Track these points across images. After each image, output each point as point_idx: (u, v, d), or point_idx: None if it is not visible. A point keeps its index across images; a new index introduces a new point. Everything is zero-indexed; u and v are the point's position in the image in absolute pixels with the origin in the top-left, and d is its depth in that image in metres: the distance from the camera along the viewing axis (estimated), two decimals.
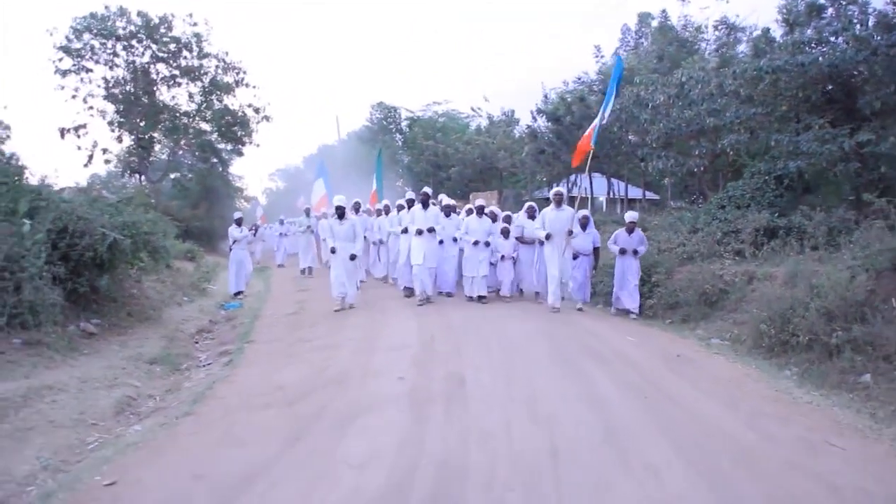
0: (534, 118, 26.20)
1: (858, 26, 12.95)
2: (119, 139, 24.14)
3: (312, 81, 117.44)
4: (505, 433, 4.78)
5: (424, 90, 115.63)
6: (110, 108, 23.65)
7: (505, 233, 12.19)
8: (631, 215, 11.74)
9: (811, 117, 13.24)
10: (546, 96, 25.82)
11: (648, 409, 5.42)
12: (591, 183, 25.34)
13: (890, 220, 8.55)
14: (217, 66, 23.50)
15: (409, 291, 12.40)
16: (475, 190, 26.79)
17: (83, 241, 8.29)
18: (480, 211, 12.41)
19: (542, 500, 3.71)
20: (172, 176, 26.68)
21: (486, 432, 4.79)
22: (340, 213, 11.45)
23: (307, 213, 18.78)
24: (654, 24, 31.95)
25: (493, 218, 12.79)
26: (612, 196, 28.80)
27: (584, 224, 11.65)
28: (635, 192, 27.80)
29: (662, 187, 27.72)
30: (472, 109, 35.50)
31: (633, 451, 4.47)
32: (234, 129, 23.98)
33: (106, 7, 21.90)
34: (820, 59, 12.42)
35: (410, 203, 12.76)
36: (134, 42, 22.33)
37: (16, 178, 8.88)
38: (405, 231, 12.37)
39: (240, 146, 24.84)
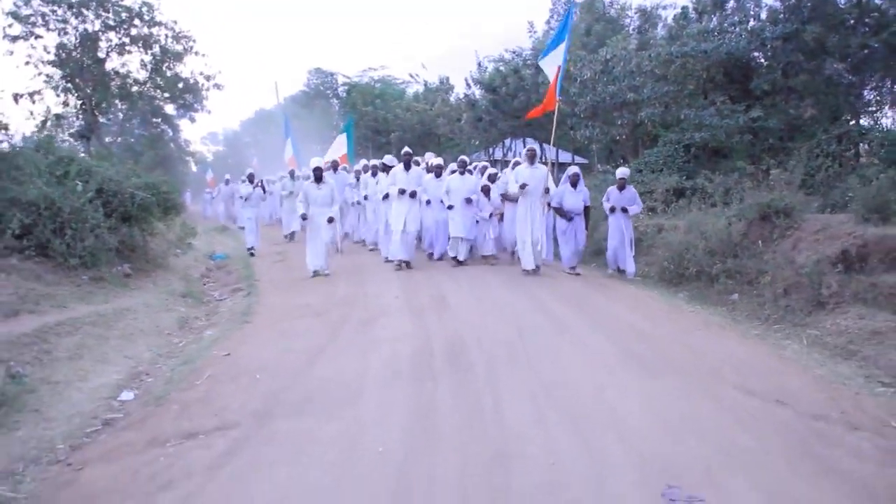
0: (468, 85, 28.40)
1: (753, 20, 15.70)
2: (65, 104, 25.13)
3: (247, 45, 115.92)
4: (483, 324, 7.17)
5: (360, 56, 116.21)
6: (56, 72, 24.57)
7: (485, 191, 12.02)
8: (621, 172, 11.66)
9: (714, 95, 16.00)
10: (480, 64, 28.01)
11: (579, 311, 7.93)
12: (524, 147, 27.78)
13: (760, 182, 11.30)
14: (166, 35, 24.73)
15: (399, 264, 11.64)
16: (415, 154, 28.87)
17: (116, 199, 10.19)
18: (464, 167, 12.07)
19: (516, 352, 6.11)
20: (117, 140, 27.76)
21: (471, 324, 7.16)
22: (318, 175, 10.99)
23: (292, 175, 18.30)
24: None
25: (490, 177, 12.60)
26: (543, 160, 31.37)
27: (574, 182, 11.39)
28: (566, 157, 30.36)
29: (590, 152, 30.38)
30: (410, 76, 37.37)
31: (570, 332, 6.93)
32: (186, 95, 25.38)
33: None
34: (721, 47, 15.07)
35: (385, 167, 12.57)
36: (84, 10, 23.36)
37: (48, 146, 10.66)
38: (386, 197, 12.04)
39: (191, 113, 26.28)
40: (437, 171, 12.44)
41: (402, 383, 5.24)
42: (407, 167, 11.74)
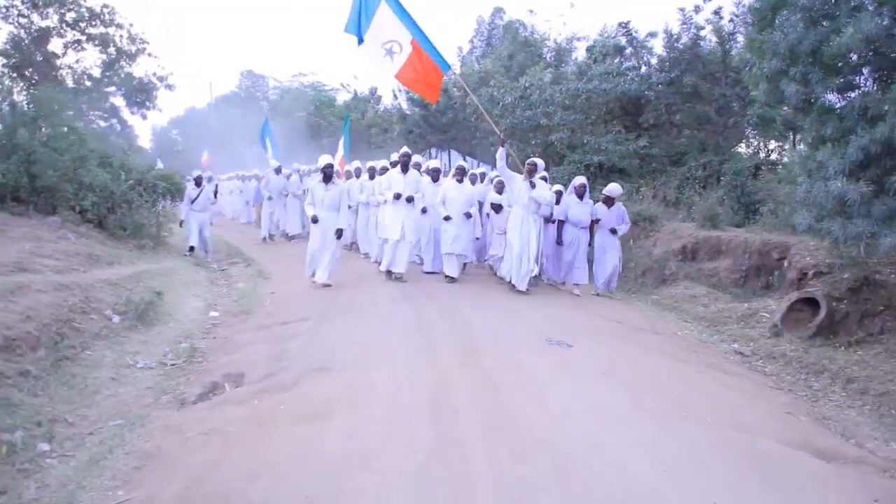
0: (395, 96, 32.32)
1: (644, 66, 20.17)
2: (9, 92, 27.42)
3: (180, 41, 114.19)
4: (448, 286, 10.96)
5: (291, 59, 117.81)
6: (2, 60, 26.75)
7: (497, 209, 11.26)
8: (610, 189, 11.31)
9: (612, 125, 20.31)
10: None
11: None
12: (450, 158, 31.80)
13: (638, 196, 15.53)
14: (121, 36, 27.30)
15: (389, 273, 11.08)
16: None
17: (139, 186, 13.50)
18: (461, 174, 11.67)
19: (469, 295, 9.93)
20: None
21: (437, 285, 10.93)
22: (328, 174, 10.50)
23: (277, 171, 18.28)
24: (506, 18, 38.62)
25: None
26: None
27: (580, 193, 11.21)
28: (486, 168, 34.49)
29: (508, 167, 34.61)
30: (342, 85, 40.68)
31: (517, 307, 10.81)
32: (140, 95, 28.00)
33: None
34: (618, 87, 19.37)
35: (392, 166, 11.91)
36: (47, 8, 25.75)
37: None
38: (387, 200, 11.07)
39: (144, 111, 28.86)
40: (435, 175, 12.11)
41: (403, 302, 9.06)
42: (404, 170, 11.20)
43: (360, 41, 9.91)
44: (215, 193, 15.98)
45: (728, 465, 4.37)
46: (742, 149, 20.28)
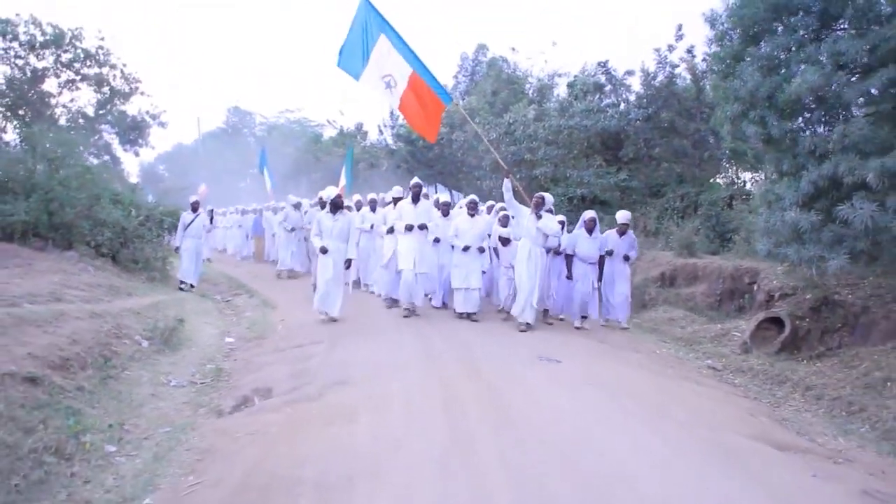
0: (380, 131, 33.28)
1: (623, 103, 21.32)
2: (3, 130, 28.18)
3: (167, 78, 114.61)
4: (443, 313, 11.81)
5: (278, 96, 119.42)
6: None
7: (505, 242, 11.38)
8: (623, 216, 11.42)
9: (593, 159, 21.38)
10: (392, 113, 32.77)
11: None
12: (436, 192, 32.76)
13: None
14: (114, 76, 28.18)
15: (393, 302, 11.67)
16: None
17: (149, 222, 14.33)
18: (473, 207, 11.51)
19: (476, 332, 10.80)
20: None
21: (441, 319, 11.79)
22: (336, 205, 10.54)
23: (297, 207, 18.05)
24: (489, 54, 39.82)
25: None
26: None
27: (590, 227, 11.14)
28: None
29: (493, 199, 35.62)
30: (328, 121, 41.71)
31: (512, 332, 11.68)
32: (133, 132, 28.83)
33: (17, 14, 26.02)
34: (598, 123, 20.48)
35: (398, 201, 12.05)
36: (42, 50, 26.61)
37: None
38: (391, 231, 11.48)
39: (136, 148, 29.67)
40: (445, 210, 11.94)
41: (406, 328, 9.89)
42: (415, 200, 11.13)
43: (358, 76, 9.81)
44: (211, 220, 15.92)
45: (698, 453, 5.24)
46: (720, 180, 21.38)
